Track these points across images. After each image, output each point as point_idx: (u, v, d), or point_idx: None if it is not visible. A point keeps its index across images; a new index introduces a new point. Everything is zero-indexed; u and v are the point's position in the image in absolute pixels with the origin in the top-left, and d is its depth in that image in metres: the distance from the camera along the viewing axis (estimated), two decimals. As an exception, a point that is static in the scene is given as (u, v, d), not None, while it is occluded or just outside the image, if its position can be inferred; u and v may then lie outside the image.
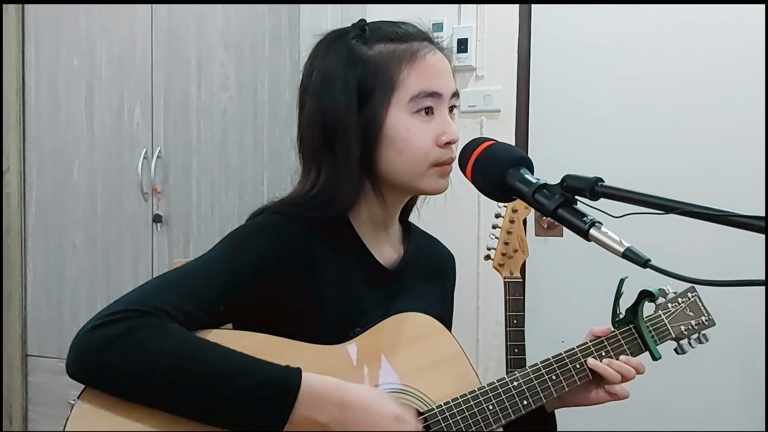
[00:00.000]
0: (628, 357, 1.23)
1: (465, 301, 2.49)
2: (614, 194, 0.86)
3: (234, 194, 2.48)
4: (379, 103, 1.10)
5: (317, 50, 1.17)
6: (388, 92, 1.10)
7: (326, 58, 1.14)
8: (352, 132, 1.10)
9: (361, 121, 1.10)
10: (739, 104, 2.24)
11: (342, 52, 1.13)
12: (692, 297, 1.38)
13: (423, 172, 1.13)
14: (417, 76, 1.11)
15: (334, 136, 1.11)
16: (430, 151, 1.12)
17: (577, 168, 0.93)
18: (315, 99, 1.13)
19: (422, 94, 1.11)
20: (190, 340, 0.97)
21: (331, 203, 1.11)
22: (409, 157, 1.11)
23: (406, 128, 1.11)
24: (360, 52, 1.12)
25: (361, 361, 1.10)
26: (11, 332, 2.79)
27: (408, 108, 1.11)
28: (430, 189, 1.15)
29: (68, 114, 2.70)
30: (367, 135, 1.11)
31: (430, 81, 1.11)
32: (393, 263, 1.22)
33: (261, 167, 2.44)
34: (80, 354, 0.95)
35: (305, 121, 1.15)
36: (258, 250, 1.08)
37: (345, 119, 1.10)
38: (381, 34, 1.14)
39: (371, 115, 1.10)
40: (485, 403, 1.13)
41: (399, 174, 1.13)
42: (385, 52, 1.12)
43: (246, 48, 2.44)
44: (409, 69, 1.11)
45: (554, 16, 2.46)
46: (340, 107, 1.10)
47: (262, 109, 2.42)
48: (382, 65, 1.11)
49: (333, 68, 1.13)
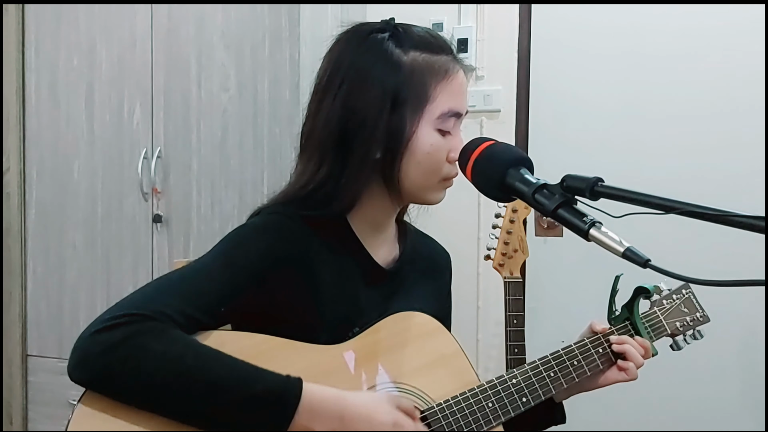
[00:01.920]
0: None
1: (465, 301, 2.50)
2: (614, 194, 0.86)
3: (234, 194, 2.48)
4: (411, 115, 1.10)
5: (348, 43, 1.15)
6: (420, 105, 1.11)
7: (360, 54, 1.12)
8: (378, 135, 1.09)
9: (388, 128, 1.09)
10: (739, 104, 2.24)
11: (378, 52, 1.11)
12: (686, 294, 1.39)
13: (433, 186, 1.15)
14: (448, 94, 1.12)
15: (356, 135, 1.10)
16: (445, 166, 1.14)
17: (577, 168, 0.93)
18: (342, 94, 1.11)
19: (450, 113, 1.12)
20: (192, 346, 0.97)
21: (329, 201, 1.11)
22: (426, 170, 1.13)
23: (430, 143, 1.12)
24: (397, 56, 1.11)
25: (360, 361, 1.10)
26: (11, 332, 2.79)
27: (434, 124, 1.12)
28: (431, 200, 1.18)
29: (68, 114, 2.70)
30: (392, 142, 1.10)
31: (458, 101, 1.13)
32: (390, 263, 1.23)
33: (261, 167, 2.44)
34: (82, 358, 0.95)
35: (324, 114, 1.12)
36: (257, 251, 1.08)
37: (373, 122, 1.09)
38: (414, 40, 1.13)
39: (400, 124, 1.10)
40: (485, 401, 1.14)
41: (411, 184, 1.13)
42: (422, 63, 1.12)
43: (246, 48, 2.43)
44: (442, 86, 1.12)
45: (554, 16, 2.46)
46: (371, 109, 1.09)
47: (262, 109, 2.42)
48: (418, 76, 1.11)
49: (368, 67, 1.11)
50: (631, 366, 1.23)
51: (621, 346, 1.24)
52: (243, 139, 2.46)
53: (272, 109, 2.41)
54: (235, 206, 2.47)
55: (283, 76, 2.38)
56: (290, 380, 0.98)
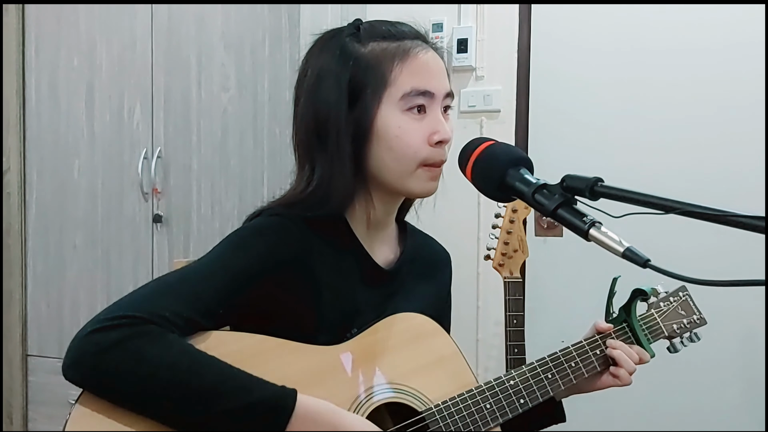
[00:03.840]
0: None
1: (465, 301, 2.50)
2: (614, 194, 0.86)
3: (234, 194, 2.48)
4: (371, 100, 1.10)
5: (312, 49, 1.18)
6: (379, 89, 1.10)
7: (320, 56, 1.15)
8: (343, 128, 1.10)
9: (353, 118, 1.10)
10: (739, 104, 2.24)
11: (335, 50, 1.13)
12: (684, 296, 1.38)
13: (412, 172, 1.12)
14: (409, 74, 1.11)
15: (327, 132, 1.11)
16: (420, 149, 1.11)
17: (577, 168, 0.92)
18: (307, 96, 1.14)
19: (414, 92, 1.10)
20: (187, 352, 0.96)
21: (327, 200, 1.11)
22: (399, 154, 1.11)
23: (397, 125, 1.10)
24: (353, 49, 1.12)
25: (357, 362, 1.10)
26: (11, 332, 2.79)
27: (399, 105, 1.10)
28: (417, 190, 1.14)
29: (68, 114, 2.70)
30: (358, 131, 1.10)
31: (422, 79, 1.11)
32: (390, 263, 1.22)
33: (261, 167, 2.44)
34: (77, 358, 0.94)
35: (299, 119, 1.15)
36: (257, 253, 1.07)
37: (336, 115, 1.10)
38: (375, 33, 1.14)
39: (362, 112, 1.10)
40: (483, 402, 1.14)
41: (388, 172, 1.12)
42: (378, 50, 1.12)
43: (246, 48, 2.44)
44: (401, 66, 1.11)
45: (554, 16, 2.46)
46: (332, 104, 1.10)
47: (262, 109, 2.42)
48: (374, 62, 1.11)
49: (325, 65, 1.13)
50: (621, 372, 1.22)
51: (612, 351, 1.23)
52: (243, 139, 2.46)
53: (272, 109, 2.41)
54: (235, 206, 2.47)
55: (283, 76, 2.38)
56: (285, 391, 0.97)
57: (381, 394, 1.10)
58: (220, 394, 0.94)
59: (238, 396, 0.94)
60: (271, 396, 0.96)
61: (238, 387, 0.95)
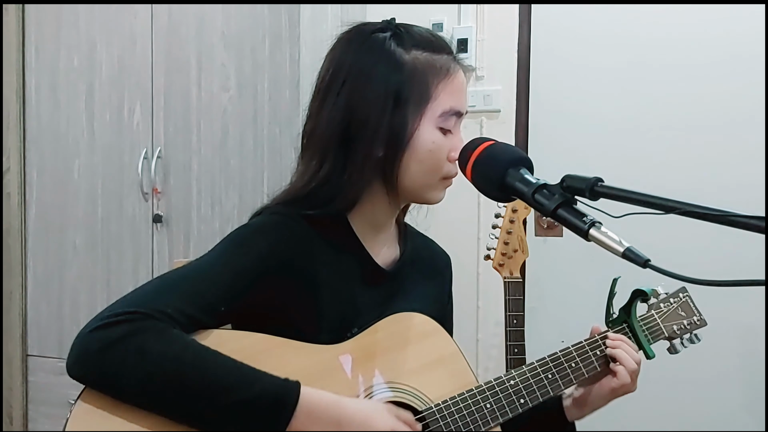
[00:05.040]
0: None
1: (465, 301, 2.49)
2: (614, 194, 0.86)
3: (234, 194, 2.48)
4: (413, 112, 1.11)
5: (349, 43, 1.15)
6: (422, 103, 1.11)
7: (362, 54, 1.13)
8: (381, 133, 1.10)
9: (390, 126, 1.10)
10: (740, 103, 2.24)
11: (380, 52, 1.12)
12: (684, 297, 1.38)
13: (434, 184, 1.16)
14: (449, 93, 1.13)
15: (358, 134, 1.10)
16: (446, 165, 1.14)
17: (577, 168, 0.93)
18: (345, 93, 1.12)
19: (451, 111, 1.13)
20: (190, 347, 0.97)
21: (331, 200, 1.11)
22: (428, 168, 1.13)
23: (432, 141, 1.12)
24: (399, 55, 1.12)
25: (357, 362, 1.10)
26: (11, 332, 2.79)
27: (436, 122, 1.12)
28: (431, 199, 1.18)
29: (68, 114, 2.70)
30: (394, 140, 1.10)
31: (458, 100, 1.14)
32: (390, 264, 1.23)
33: (261, 167, 2.44)
34: (81, 355, 0.95)
35: (326, 113, 1.13)
36: (258, 252, 1.08)
37: (376, 121, 1.10)
38: (416, 40, 1.14)
39: (402, 122, 1.10)
40: (483, 402, 1.14)
41: (411, 182, 1.14)
42: (423, 61, 1.12)
43: (246, 48, 2.44)
44: (443, 84, 1.12)
45: (554, 16, 2.46)
46: (374, 108, 1.10)
47: (262, 109, 2.42)
48: (419, 75, 1.11)
49: (370, 66, 1.11)
50: (620, 369, 1.21)
51: (613, 350, 1.22)
52: (243, 139, 2.46)
53: (272, 109, 2.41)
54: (235, 206, 2.47)
55: (283, 76, 2.38)
56: (288, 383, 0.97)
57: (381, 393, 1.10)
58: (224, 388, 0.95)
59: (242, 389, 0.95)
60: (275, 389, 0.96)
61: (242, 380, 0.96)
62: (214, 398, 0.94)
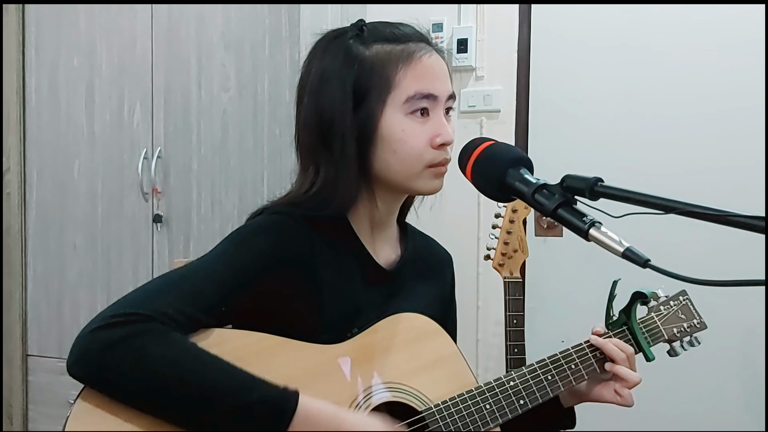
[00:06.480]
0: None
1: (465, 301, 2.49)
2: (614, 194, 0.86)
3: (234, 194, 2.48)
4: (375, 103, 1.10)
5: (315, 50, 1.18)
6: (383, 92, 1.11)
7: (324, 58, 1.15)
8: (348, 131, 1.10)
9: (357, 121, 1.11)
10: (740, 103, 2.24)
11: (339, 52, 1.13)
12: (684, 300, 1.38)
13: (418, 173, 1.13)
14: (413, 78, 1.11)
15: (331, 134, 1.11)
16: (425, 152, 1.12)
17: (577, 168, 0.92)
18: (311, 98, 1.14)
19: (418, 95, 1.11)
20: (190, 350, 0.97)
21: (330, 201, 1.12)
22: (403, 157, 1.12)
23: (401, 129, 1.11)
24: (357, 51, 1.12)
25: (357, 362, 1.10)
26: (11, 332, 2.79)
27: (403, 109, 1.11)
28: (424, 189, 1.16)
29: (68, 114, 2.70)
30: (363, 134, 1.11)
31: (425, 82, 1.12)
32: (391, 264, 1.23)
33: (261, 167, 2.44)
34: (82, 355, 0.95)
35: (302, 120, 1.16)
36: (259, 251, 1.08)
37: (341, 118, 1.10)
38: (378, 35, 1.14)
39: (366, 115, 1.10)
40: (482, 403, 1.14)
41: (394, 174, 1.13)
42: (382, 53, 1.12)
43: (246, 48, 2.44)
44: (405, 70, 1.11)
45: (554, 16, 2.46)
46: (336, 106, 1.11)
47: (262, 109, 2.42)
48: (378, 65, 1.11)
49: (330, 67, 1.13)
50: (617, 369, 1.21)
51: (599, 342, 1.22)
52: (243, 139, 2.46)
53: (272, 109, 2.41)
54: (235, 206, 2.47)
55: (283, 76, 2.38)
56: (287, 392, 0.97)
57: (380, 393, 1.10)
58: (222, 393, 0.94)
59: (240, 395, 0.94)
60: (273, 396, 0.96)
61: (240, 386, 0.95)
62: (212, 403, 0.94)
